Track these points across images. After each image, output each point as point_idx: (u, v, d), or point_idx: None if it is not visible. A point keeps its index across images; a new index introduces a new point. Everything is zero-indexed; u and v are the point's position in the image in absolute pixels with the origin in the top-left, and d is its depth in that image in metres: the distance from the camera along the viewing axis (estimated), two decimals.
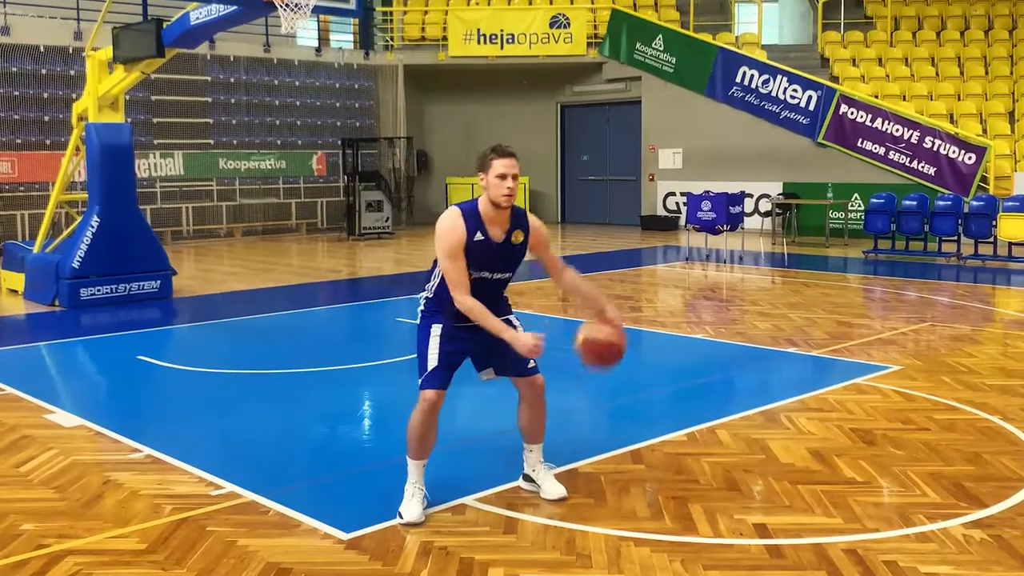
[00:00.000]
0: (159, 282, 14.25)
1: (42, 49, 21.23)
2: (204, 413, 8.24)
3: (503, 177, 5.50)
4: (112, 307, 13.54)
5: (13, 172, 20.75)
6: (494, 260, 5.63)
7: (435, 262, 5.71)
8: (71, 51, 21.29)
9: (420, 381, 5.65)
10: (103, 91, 13.90)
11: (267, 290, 15.41)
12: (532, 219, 5.80)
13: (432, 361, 5.64)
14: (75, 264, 13.52)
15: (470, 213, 5.58)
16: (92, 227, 13.63)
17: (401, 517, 5.55)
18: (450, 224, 5.56)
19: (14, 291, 14.74)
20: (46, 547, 5.30)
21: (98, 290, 13.67)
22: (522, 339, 5.48)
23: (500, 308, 5.79)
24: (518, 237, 5.67)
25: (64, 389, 9.56)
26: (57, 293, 13.68)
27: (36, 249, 14.63)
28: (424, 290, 5.80)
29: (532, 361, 5.84)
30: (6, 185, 20.71)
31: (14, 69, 20.84)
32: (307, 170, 25.87)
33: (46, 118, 21.22)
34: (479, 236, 5.56)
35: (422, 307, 5.79)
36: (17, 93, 20.89)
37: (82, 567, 5.05)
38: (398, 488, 5.72)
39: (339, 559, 5.14)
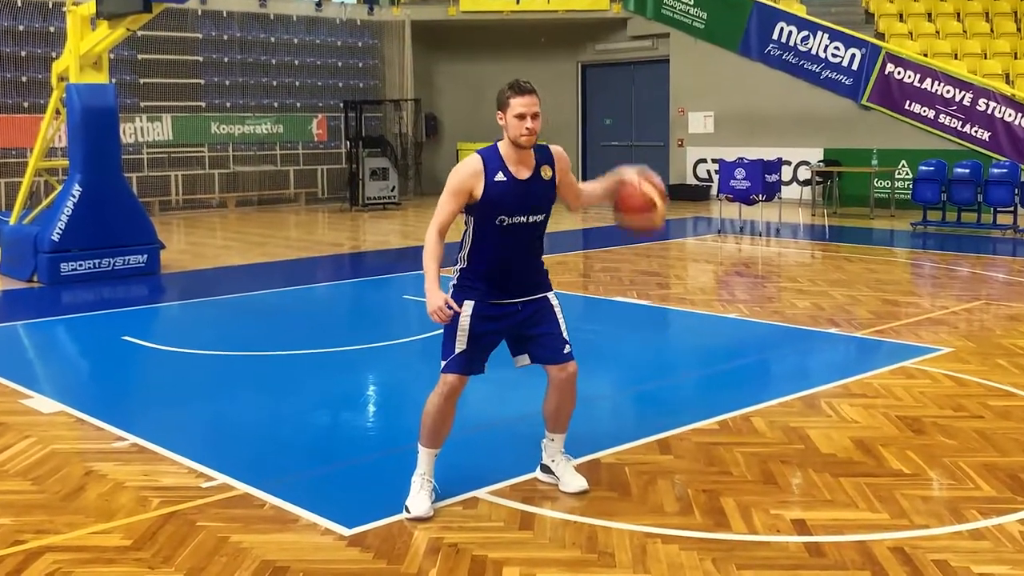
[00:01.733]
0: (146, 256, 14.32)
1: (19, 3, 21.33)
2: (194, 398, 8.26)
3: (522, 117, 5.48)
4: (95, 283, 13.62)
5: None
6: (523, 201, 5.60)
7: (466, 224, 5.72)
8: (51, 6, 21.39)
9: (443, 363, 5.64)
10: (85, 49, 13.96)
11: (263, 265, 15.47)
12: (555, 148, 5.81)
13: (460, 344, 5.61)
14: (55, 237, 13.58)
15: (490, 155, 5.59)
16: (73, 197, 13.68)
17: (408, 511, 5.55)
18: (466, 164, 5.60)
19: None
20: (23, 543, 5.32)
21: (80, 265, 13.74)
22: (432, 299, 5.41)
23: (536, 277, 5.84)
24: (547, 172, 5.68)
25: (43, 372, 9.62)
26: (36, 268, 13.76)
27: (13, 221, 14.74)
28: (457, 260, 5.78)
29: (567, 347, 5.83)
30: None
31: None
32: (306, 135, 25.92)
33: (23, 78, 21.31)
34: (500, 176, 5.54)
35: (454, 280, 5.75)
36: None
37: (61, 565, 5.07)
38: (405, 480, 5.73)
39: (340, 557, 5.15)
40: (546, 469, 6.02)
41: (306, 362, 9.32)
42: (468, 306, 5.61)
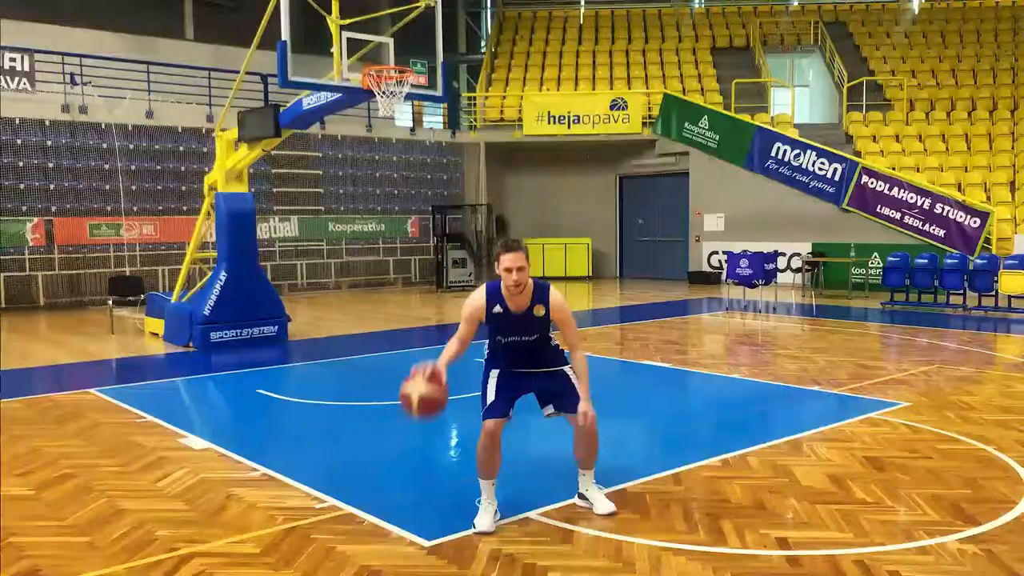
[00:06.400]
0: (277, 327, 14.46)
1: (180, 130, 21.76)
2: (312, 438, 8.36)
3: (508, 271, 5.57)
4: (237, 348, 13.77)
5: (156, 234, 21.25)
6: (517, 328, 5.76)
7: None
8: (204, 131, 21.78)
9: (482, 414, 5.77)
10: (230, 165, 14.19)
11: (368, 334, 15.55)
12: (555, 298, 5.77)
13: (491, 396, 5.78)
14: (206, 312, 13.78)
15: (493, 291, 5.73)
16: (221, 280, 13.90)
17: (474, 528, 5.62)
18: (473, 298, 5.79)
19: (155, 334, 15.04)
20: (177, 550, 5.44)
21: (225, 334, 13.93)
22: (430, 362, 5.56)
23: (547, 362, 5.91)
24: (539, 311, 5.73)
25: (195, 417, 9.75)
26: (191, 336, 13.93)
27: (174, 299, 14.91)
28: (486, 346, 6.00)
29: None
30: (150, 245, 21.19)
31: (156, 147, 21.37)
32: (403, 232, 26.16)
33: (183, 188, 21.69)
34: (498, 309, 5.71)
35: (485, 357, 5.96)
36: (159, 167, 21.40)
37: (206, 567, 5.19)
38: (473, 503, 5.81)
39: (421, 563, 5.22)
40: (582, 496, 6.07)
41: (400, 411, 9.39)
42: (494, 374, 5.84)
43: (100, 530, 5.80)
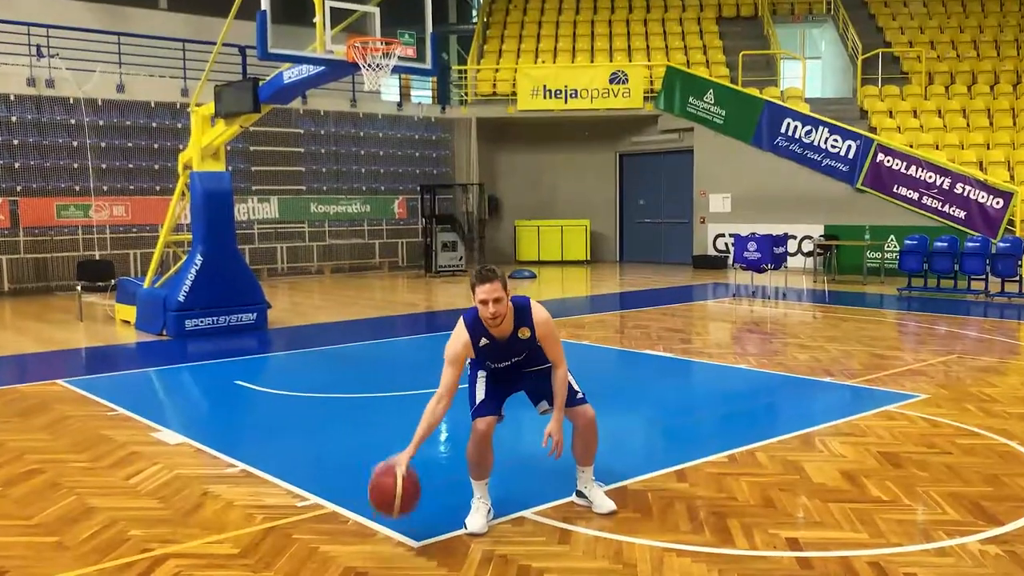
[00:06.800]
0: (255, 314, 14.46)
1: (153, 105, 21.71)
2: (293, 432, 8.35)
3: (484, 303, 5.52)
4: (213, 336, 13.77)
5: (127, 215, 21.21)
6: (505, 354, 5.77)
7: None
8: (178, 106, 21.73)
9: (471, 413, 5.78)
10: (206, 142, 14.16)
11: (352, 322, 15.56)
12: (538, 315, 5.73)
13: (480, 395, 5.78)
14: (181, 298, 13.77)
15: (472, 323, 5.68)
16: (196, 265, 13.88)
17: (466, 528, 5.63)
18: (456, 337, 5.72)
19: (127, 322, 15.04)
20: (151, 551, 5.43)
21: (201, 321, 13.91)
22: (397, 456, 5.48)
23: (540, 360, 5.88)
24: (524, 333, 5.71)
25: (169, 410, 9.73)
26: (164, 324, 13.92)
27: (146, 284, 14.90)
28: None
29: (579, 394, 5.90)
30: (121, 227, 21.16)
31: (128, 123, 21.33)
32: (389, 213, 26.14)
33: (156, 167, 21.66)
34: (484, 341, 5.69)
35: (468, 361, 5.94)
36: (131, 144, 21.36)
37: (182, 569, 5.18)
38: (465, 501, 5.81)
39: (410, 565, 5.22)
40: (580, 494, 6.07)
41: (387, 403, 9.41)
42: (482, 373, 5.85)
43: (69, 529, 5.79)
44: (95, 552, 5.42)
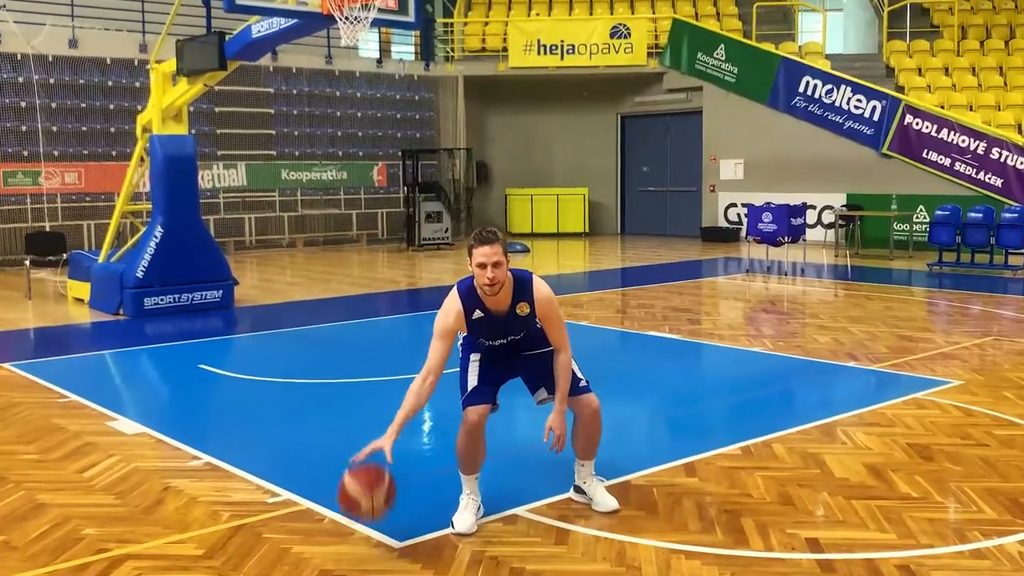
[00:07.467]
0: (221, 292, 14.43)
1: (108, 61, 21.61)
2: (263, 421, 8.34)
3: (483, 266, 5.47)
4: (175, 316, 13.73)
5: (80, 182, 21.12)
6: (501, 330, 5.73)
7: None
8: (136, 63, 21.63)
9: (462, 401, 5.75)
10: (167, 103, 14.10)
11: (327, 300, 15.56)
12: (539, 291, 5.69)
13: (472, 381, 5.76)
14: (139, 274, 13.73)
15: (466, 293, 5.65)
16: (156, 237, 13.84)
17: (453, 527, 5.61)
18: (447, 307, 5.69)
19: (80, 300, 14.99)
20: (107, 552, 5.41)
21: (161, 299, 13.87)
22: (378, 441, 5.43)
23: (539, 341, 5.86)
24: (523, 310, 5.66)
25: (127, 397, 9.73)
26: (121, 302, 13.89)
27: (101, 259, 14.87)
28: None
29: (582, 381, 5.87)
30: (73, 195, 21.07)
31: (81, 81, 21.22)
32: (368, 181, 26.08)
33: (112, 129, 21.57)
34: (478, 314, 5.65)
35: (461, 341, 5.93)
36: (84, 105, 21.26)
37: (141, 571, 5.15)
38: (452, 498, 5.79)
39: (391, 567, 5.20)
40: (579, 490, 6.06)
41: (366, 389, 9.40)
42: (475, 355, 5.82)
43: (17, 528, 5.77)
44: (45, 553, 5.39)
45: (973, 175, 21.38)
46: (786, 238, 18.30)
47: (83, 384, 9.59)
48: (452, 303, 5.67)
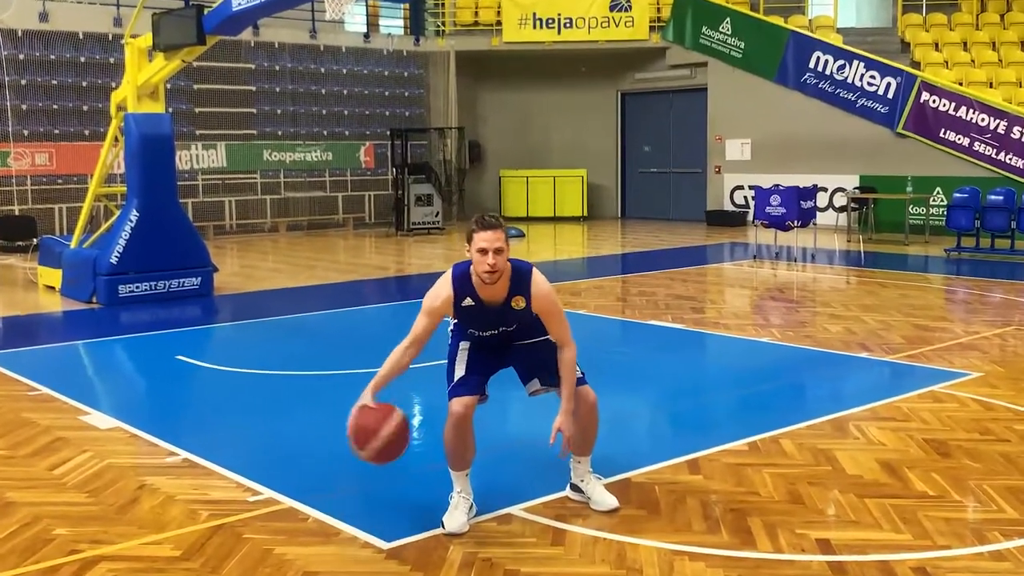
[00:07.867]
0: (200, 279, 14.42)
1: (81, 36, 21.57)
2: (243, 416, 8.33)
3: (484, 252, 5.46)
4: (151, 305, 13.71)
5: (51, 164, 21.10)
6: (492, 322, 5.73)
7: None
8: (110, 38, 21.60)
9: (448, 391, 5.74)
10: (143, 80, 14.08)
11: (312, 288, 15.55)
12: (538, 286, 5.67)
13: (459, 371, 5.75)
14: (113, 260, 13.71)
15: (460, 278, 5.64)
16: (131, 221, 13.81)
17: (444, 527, 5.60)
18: (438, 289, 5.70)
19: (51, 287, 14.97)
20: (79, 553, 5.40)
21: (137, 287, 13.85)
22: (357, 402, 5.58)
23: (533, 331, 5.84)
24: (519, 303, 5.65)
25: (100, 389, 9.72)
26: (95, 290, 13.87)
27: (73, 244, 14.83)
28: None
29: (579, 371, 5.84)
30: (44, 177, 21.05)
31: (52, 57, 21.19)
32: (354, 162, 26.06)
33: (85, 107, 21.55)
34: (469, 302, 5.64)
35: (451, 327, 5.94)
36: (55, 82, 21.23)
37: (116, 574, 5.15)
38: (443, 496, 5.78)
39: (379, 569, 5.19)
40: (576, 488, 6.05)
41: (352, 381, 9.32)
42: (465, 343, 5.83)
43: None
44: (14, 554, 5.39)
45: (993, 155, 21.36)
46: (795, 222, 18.27)
47: (54, 376, 9.57)
48: (443, 287, 5.67)
